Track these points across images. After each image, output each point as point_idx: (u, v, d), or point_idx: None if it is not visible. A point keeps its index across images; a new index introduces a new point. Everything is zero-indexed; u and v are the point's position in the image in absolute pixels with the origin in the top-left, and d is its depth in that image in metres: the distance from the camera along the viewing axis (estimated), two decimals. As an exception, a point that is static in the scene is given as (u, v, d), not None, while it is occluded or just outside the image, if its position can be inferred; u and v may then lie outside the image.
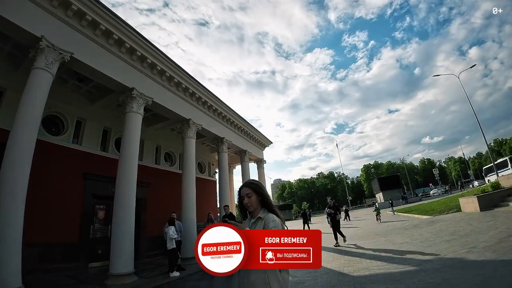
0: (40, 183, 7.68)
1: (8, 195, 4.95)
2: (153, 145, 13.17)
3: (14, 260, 4.77)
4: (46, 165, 7.97)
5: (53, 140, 8.69)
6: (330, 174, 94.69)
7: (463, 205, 13.18)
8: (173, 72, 9.80)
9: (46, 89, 5.98)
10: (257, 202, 1.96)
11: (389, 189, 41.72)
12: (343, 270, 6.12)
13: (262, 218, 1.88)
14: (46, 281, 6.77)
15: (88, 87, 9.24)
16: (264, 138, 19.07)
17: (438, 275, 4.58)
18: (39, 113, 5.80)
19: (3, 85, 7.66)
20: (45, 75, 5.97)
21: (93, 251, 9.03)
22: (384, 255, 7.05)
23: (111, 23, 7.41)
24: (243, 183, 2.09)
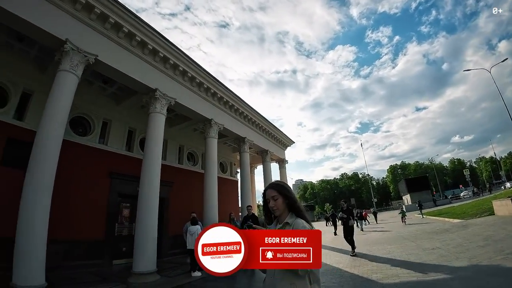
0: (68, 182, 7.94)
1: (34, 193, 5.06)
2: (176, 145, 13.29)
3: (38, 257, 4.86)
4: (73, 164, 8.23)
5: (80, 140, 8.95)
6: (354, 175, 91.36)
7: (496, 208, 12.57)
8: (195, 73, 9.79)
9: (71, 91, 6.11)
10: (283, 205, 1.77)
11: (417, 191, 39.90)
12: (371, 276, 5.84)
13: (290, 224, 1.70)
14: (70, 278, 6.92)
15: (113, 89, 9.46)
16: (286, 137, 18.74)
17: (472, 283, 4.36)
18: (65, 114, 5.92)
19: (31, 87, 7.96)
20: (71, 77, 6.10)
21: (118, 249, 9.20)
22: (414, 261, 6.67)
23: (133, 25, 7.47)
24: (268, 184, 1.89)
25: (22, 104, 7.85)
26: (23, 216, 4.88)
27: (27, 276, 4.64)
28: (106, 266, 8.53)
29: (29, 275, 4.67)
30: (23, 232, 4.80)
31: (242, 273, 7.43)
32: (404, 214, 18.99)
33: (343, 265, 7.43)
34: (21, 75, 7.77)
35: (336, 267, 7.24)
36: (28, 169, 5.21)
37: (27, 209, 4.92)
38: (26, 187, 5.07)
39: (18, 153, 6.77)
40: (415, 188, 41.03)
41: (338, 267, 7.19)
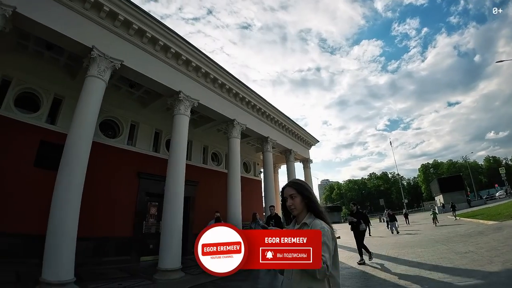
0: (99, 182, 8.33)
1: (65, 192, 5.33)
2: (201, 146, 13.54)
3: (68, 253, 5.09)
4: (104, 165, 8.66)
5: (110, 142, 9.42)
6: (383, 174, 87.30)
7: None
8: (217, 74, 9.88)
9: (100, 95, 6.39)
10: (302, 205, 1.70)
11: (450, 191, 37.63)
12: (399, 281, 5.61)
13: (308, 224, 1.63)
14: (99, 273, 7.22)
15: (140, 93, 9.83)
16: (310, 136, 18.38)
17: None
18: (94, 117, 6.21)
19: (62, 93, 8.47)
20: (99, 82, 6.39)
21: (145, 246, 9.52)
22: (445, 265, 6.38)
23: (156, 31, 7.68)
24: (287, 182, 1.83)
25: (54, 109, 8.40)
26: (54, 214, 5.14)
27: (57, 272, 4.86)
28: (133, 263, 8.87)
29: (58, 270, 4.89)
30: (53, 229, 5.05)
31: (265, 273, 7.37)
32: (436, 215, 18.14)
33: (369, 268, 7.14)
34: (52, 81, 8.29)
35: (362, 271, 6.99)
36: (59, 169, 5.51)
37: (58, 207, 5.18)
38: (57, 187, 5.35)
39: (50, 155, 7.25)
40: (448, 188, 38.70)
41: (365, 271, 6.93)
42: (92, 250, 7.99)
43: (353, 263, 8.00)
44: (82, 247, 7.23)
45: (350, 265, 7.82)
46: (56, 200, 5.24)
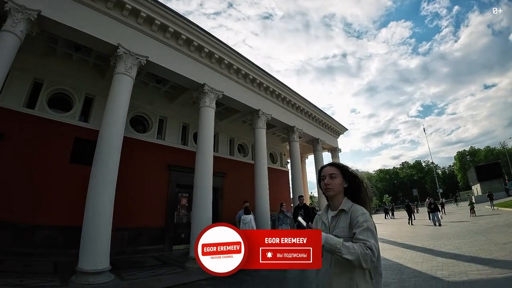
0: (131, 175, 8.73)
1: (99, 186, 5.61)
2: (227, 138, 13.63)
3: (103, 243, 5.37)
4: (136, 159, 9.03)
5: (140, 137, 9.77)
6: (416, 163, 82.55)
7: None
8: (240, 64, 9.79)
9: (128, 91, 6.60)
10: (340, 187, 1.58)
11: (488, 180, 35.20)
12: (436, 273, 5.34)
13: (347, 210, 1.51)
14: (133, 261, 7.58)
15: (166, 88, 10.04)
16: (338, 125, 17.76)
17: None
18: (124, 113, 6.43)
19: (93, 92, 8.85)
20: (126, 78, 6.59)
21: (177, 235, 9.87)
22: (484, 257, 6.11)
23: (178, 25, 7.72)
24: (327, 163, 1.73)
25: (86, 107, 8.82)
26: (89, 206, 5.43)
27: (93, 261, 5.14)
28: (166, 251, 9.24)
29: (94, 259, 5.15)
30: (89, 221, 5.34)
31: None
32: (473, 205, 17.23)
33: (404, 260, 6.84)
34: (82, 81, 8.68)
35: (396, 262, 6.71)
36: (93, 164, 5.80)
37: (93, 200, 5.47)
38: (92, 181, 5.64)
39: (85, 151, 7.63)
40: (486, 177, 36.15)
41: (399, 263, 6.65)
42: (127, 239, 8.43)
43: (386, 255, 7.68)
44: (118, 237, 7.66)
45: (384, 257, 7.51)
46: (91, 193, 5.53)
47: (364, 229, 1.38)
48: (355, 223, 1.42)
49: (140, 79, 9.10)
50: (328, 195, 1.60)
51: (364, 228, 1.39)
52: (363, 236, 1.36)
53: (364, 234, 1.37)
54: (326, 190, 1.59)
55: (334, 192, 1.57)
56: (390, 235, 12.68)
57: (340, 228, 1.49)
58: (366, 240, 1.34)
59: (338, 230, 1.49)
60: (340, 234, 1.45)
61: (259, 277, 6.22)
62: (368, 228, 1.39)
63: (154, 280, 5.77)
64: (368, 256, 1.29)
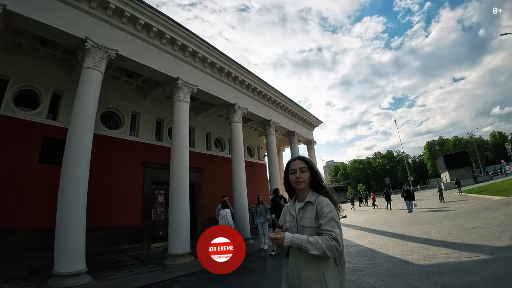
0: (105, 173, 8.49)
1: (70, 185, 5.42)
2: (203, 132, 13.54)
3: (78, 245, 5.23)
4: (108, 156, 8.79)
5: (112, 134, 9.47)
6: (388, 153, 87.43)
7: None
8: (215, 58, 9.72)
9: (97, 86, 6.36)
10: (309, 181, 1.66)
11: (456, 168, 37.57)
12: (406, 257, 5.62)
13: (313, 202, 1.59)
14: (112, 261, 7.46)
15: (138, 82, 9.75)
16: (313, 118, 18.25)
17: None
18: (93, 109, 6.20)
19: (61, 88, 8.43)
20: (95, 73, 6.33)
21: (155, 233, 9.78)
22: (453, 241, 6.34)
23: (149, 17, 7.50)
24: (296, 156, 1.81)
25: (54, 104, 8.40)
26: (61, 207, 5.25)
27: (68, 263, 5.02)
28: (145, 250, 9.14)
29: (69, 262, 5.04)
30: (62, 222, 5.18)
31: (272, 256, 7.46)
32: (442, 191, 18.35)
33: (376, 246, 7.23)
34: (49, 77, 8.25)
35: (369, 248, 7.08)
36: (63, 163, 5.59)
37: (64, 200, 5.29)
38: (62, 180, 5.45)
39: (55, 150, 7.29)
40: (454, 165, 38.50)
41: (372, 248, 7.02)
42: (104, 240, 8.24)
43: (360, 241, 8.11)
44: (95, 237, 7.49)
45: (357, 243, 7.93)
46: (62, 193, 5.35)
47: (329, 220, 1.47)
48: (321, 214, 1.51)
49: (111, 74, 8.78)
50: (299, 188, 1.66)
51: (329, 219, 1.48)
52: (329, 227, 1.45)
53: (330, 224, 1.46)
54: (297, 183, 1.65)
55: (304, 184, 1.65)
56: (364, 222, 13.38)
57: (307, 219, 1.57)
58: (331, 230, 1.43)
59: (305, 221, 1.58)
60: (306, 225, 1.55)
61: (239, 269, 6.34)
62: (333, 218, 1.48)
63: (132, 279, 5.72)
64: (333, 247, 1.39)
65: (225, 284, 5.32)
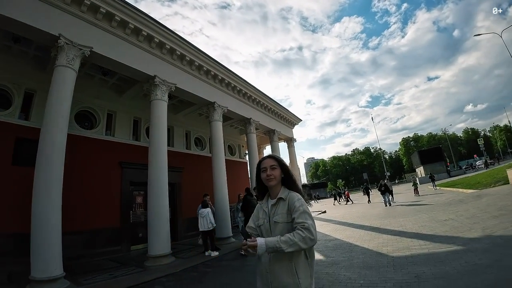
0: (81, 175, 8.29)
1: (44, 188, 5.27)
2: (183, 131, 13.46)
3: (54, 249, 5.10)
4: (84, 157, 8.57)
5: (87, 134, 9.21)
6: (366, 149, 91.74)
7: (511, 177, 12.25)
8: (193, 56, 9.68)
9: (70, 85, 6.19)
10: (280, 177, 1.73)
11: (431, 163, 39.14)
12: (381, 250, 5.83)
13: (284, 198, 1.66)
14: (91, 265, 7.32)
15: (114, 80, 9.56)
16: (293, 116, 18.59)
17: (487, 255, 4.15)
18: (67, 108, 6.03)
19: (33, 87, 8.13)
20: (68, 71, 6.16)
21: (134, 235, 9.64)
22: (426, 233, 6.63)
23: (125, 13, 7.38)
24: (267, 155, 1.86)
25: (27, 104, 8.08)
26: (36, 211, 5.10)
27: (45, 269, 4.90)
28: (124, 252, 9.00)
29: (46, 267, 4.92)
30: (37, 226, 5.04)
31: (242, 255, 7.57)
32: (417, 185, 19.27)
33: (353, 239, 7.50)
34: (22, 76, 7.93)
35: (346, 242, 7.33)
36: (36, 165, 5.41)
37: (39, 203, 5.14)
38: (36, 183, 5.28)
39: (28, 151, 7.04)
40: (429, 160, 40.13)
41: (349, 242, 7.28)
42: (82, 243, 8.04)
43: (338, 235, 8.43)
44: (72, 241, 7.29)
45: (335, 237, 8.23)
46: (37, 196, 5.20)
47: (301, 213, 1.54)
48: (293, 208, 1.58)
49: (85, 71, 8.55)
50: (271, 185, 1.72)
51: (301, 212, 1.55)
52: (302, 219, 1.51)
53: (302, 217, 1.52)
54: (268, 180, 1.70)
55: (276, 181, 1.71)
56: (342, 217, 13.85)
57: (279, 214, 1.64)
58: (304, 221, 1.49)
59: (277, 216, 1.64)
60: (279, 220, 1.63)
61: (221, 267, 6.45)
62: (305, 211, 1.55)
63: (112, 282, 5.66)
64: (307, 238, 1.44)
65: (206, 282, 5.39)
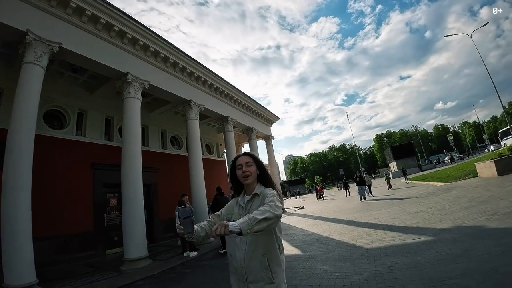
0: (51, 177, 8.01)
1: (12, 191, 5.07)
2: (158, 130, 13.26)
3: (26, 255, 4.94)
4: (53, 159, 8.26)
5: (57, 134, 8.85)
6: (342, 146, 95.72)
7: (479, 170, 12.88)
8: (168, 52, 9.57)
9: (38, 83, 5.96)
10: (256, 174, 1.79)
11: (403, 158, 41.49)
12: (356, 242, 6.07)
13: (259, 194, 1.72)
14: (65, 271, 7.11)
15: (85, 78, 9.21)
16: (271, 114, 18.88)
17: (457, 245, 4.34)
18: (34, 108, 5.80)
19: (1, 85, 7.72)
20: (36, 69, 5.93)
21: (109, 239, 9.41)
22: (399, 225, 6.93)
23: (96, 7, 7.17)
24: (242, 152, 1.91)
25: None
26: (5, 215, 4.91)
27: (17, 276, 4.74)
28: (100, 257, 8.77)
29: (18, 274, 4.77)
30: (7, 232, 4.85)
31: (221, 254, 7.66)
32: (389, 179, 20.25)
33: (330, 233, 7.78)
34: None
35: (323, 236, 7.60)
36: (3, 168, 5.21)
37: (8, 208, 4.94)
38: (4, 187, 5.08)
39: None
40: (401, 155, 42.35)
41: (325, 235, 7.54)
42: (56, 249, 7.76)
43: (315, 230, 8.76)
44: (45, 246, 7.09)
45: (312, 232, 8.54)
46: (4, 201, 4.99)
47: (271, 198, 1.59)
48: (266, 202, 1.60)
49: (54, 69, 8.23)
50: (247, 182, 1.77)
51: (271, 198, 1.59)
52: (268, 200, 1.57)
53: (269, 199, 1.58)
54: (244, 177, 1.75)
55: (252, 178, 1.76)
56: (320, 212, 14.36)
57: (254, 210, 1.61)
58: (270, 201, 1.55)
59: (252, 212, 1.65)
60: None
61: (199, 268, 6.50)
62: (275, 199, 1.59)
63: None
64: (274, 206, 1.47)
65: (185, 283, 5.43)
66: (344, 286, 3.72)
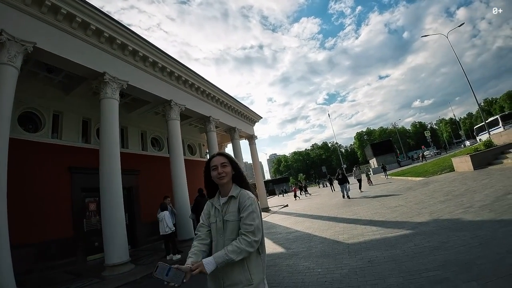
0: (26, 183, 7.85)
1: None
2: (138, 131, 13.15)
3: (4, 262, 4.86)
4: (28, 163, 8.07)
5: (32, 137, 8.63)
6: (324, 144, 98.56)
7: (456, 164, 13.47)
8: (147, 51, 9.55)
9: (12, 85, 5.84)
10: (231, 175, 1.78)
11: (382, 154, 43.02)
12: (338, 238, 6.29)
13: (236, 196, 1.73)
14: (45, 279, 6.98)
15: (60, 78, 9.05)
16: (254, 113, 19.10)
17: (435, 238, 4.53)
18: (8, 110, 5.68)
19: None
20: (10, 69, 5.81)
21: (90, 244, 9.27)
22: (378, 219, 7.23)
23: (71, 5, 7.09)
24: (216, 152, 1.90)
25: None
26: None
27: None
28: (80, 263, 8.63)
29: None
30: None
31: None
32: (369, 176, 21.51)
33: (312, 230, 8.04)
34: None
35: (306, 232, 7.86)
36: (-23, 174, 5.08)
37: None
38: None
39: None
40: (380, 152, 43.88)
41: (308, 232, 7.80)
42: (35, 256, 7.59)
43: (298, 227, 9.04)
44: (23, 254, 6.96)
45: (295, 229, 8.82)
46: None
47: (250, 212, 1.62)
48: (243, 207, 1.65)
49: (29, 69, 8.07)
50: (222, 183, 1.75)
51: (250, 212, 1.62)
52: (249, 220, 1.60)
53: (250, 217, 1.61)
54: (219, 178, 1.73)
55: (227, 179, 1.75)
56: (303, 209, 14.76)
57: (231, 212, 1.69)
58: (250, 224, 1.59)
59: (228, 215, 1.69)
60: (230, 219, 1.67)
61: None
62: (253, 211, 1.62)
63: (69, 295, 5.52)
64: (252, 242, 1.54)
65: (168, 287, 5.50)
66: (326, 282, 3.86)
